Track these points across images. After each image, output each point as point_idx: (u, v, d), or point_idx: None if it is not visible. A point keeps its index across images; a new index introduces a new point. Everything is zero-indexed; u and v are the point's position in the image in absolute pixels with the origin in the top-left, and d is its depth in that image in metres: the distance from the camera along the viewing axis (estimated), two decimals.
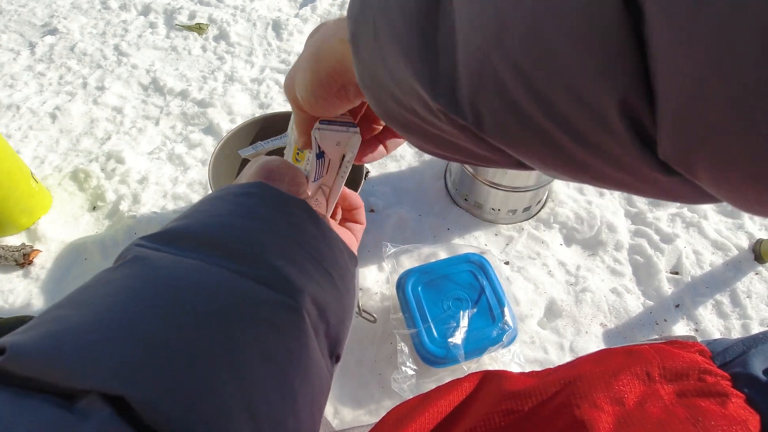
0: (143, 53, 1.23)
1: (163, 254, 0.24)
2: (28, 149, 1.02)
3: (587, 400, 0.38)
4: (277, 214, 0.28)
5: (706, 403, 0.37)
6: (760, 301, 0.80)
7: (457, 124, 0.19)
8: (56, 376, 0.19)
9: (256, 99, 1.11)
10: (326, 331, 0.28)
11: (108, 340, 0.20)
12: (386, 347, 0.75)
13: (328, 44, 0.28)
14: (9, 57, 1.22)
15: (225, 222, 0.27)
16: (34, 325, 0.21)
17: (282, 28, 1.28)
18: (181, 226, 0.26)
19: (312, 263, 0.27)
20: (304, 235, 0.28)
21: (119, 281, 0.23)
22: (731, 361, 0.41)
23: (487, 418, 0.41)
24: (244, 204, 0.28)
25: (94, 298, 0.22)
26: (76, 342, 0.20)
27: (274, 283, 0.25)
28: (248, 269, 0.25)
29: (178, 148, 1.01)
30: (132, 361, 0.20)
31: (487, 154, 0.20)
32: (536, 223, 0.91)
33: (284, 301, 0.25)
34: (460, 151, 0.22)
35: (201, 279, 0.23)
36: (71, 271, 0.84)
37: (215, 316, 0.22)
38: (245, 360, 0.22)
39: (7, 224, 0.86)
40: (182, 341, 0.21)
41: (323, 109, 0.31)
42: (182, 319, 0.22)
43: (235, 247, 0.25)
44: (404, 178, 0.97)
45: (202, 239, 0.25)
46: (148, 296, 0.22)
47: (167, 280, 0.23)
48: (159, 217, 0.90)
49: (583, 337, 0.77)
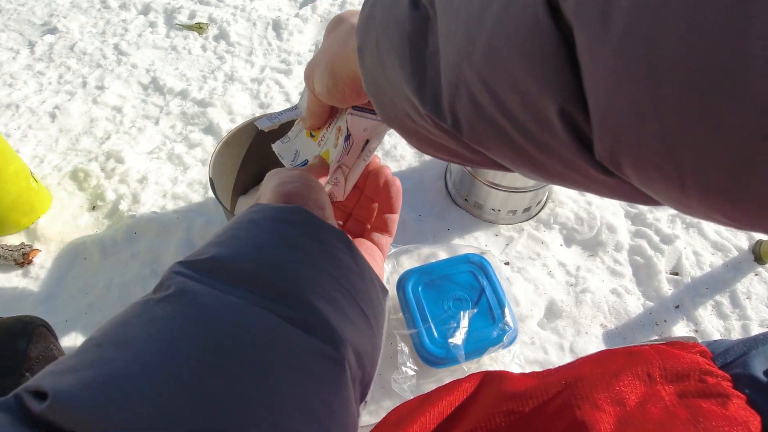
0: (143, 53, 1.23)
1: (206, 288, 0.23)
2: (28, 148, 1.02)
3: (588, 401, 0.38)
4: (316, 245, 0.27)
5: (707, 404, 0.37)
6: (760, 302, 0.80)
7: (442, 128, 0.21)
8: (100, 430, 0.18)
9: (256, 99, 1.11)
10: (362, 378, 0.27)
11: (153, 393, 0.19)
12: (386, 348, 0.75)
13: (344, 53, 0.30)
14: (8, 56, 1.22)
15: (265, 255, 0.25)
16: (75, 367, 0.20)
17: (282, 28, 1.27)
18: (222, 255, 0.25)
19: (350, 302, 0.26)
20: (342, 269, 0.27)
21: (161, 321, 0.22)
22: (732, 362, 0.41)
23: (487, 419, 0.41)
24: (282, 233, 0.27)
25: (135, 339, 0.21)
26: (121, 395, 0.19)
27: (316, 327, 0.24)
28: (290, 311, 0.24)
29: (178, 147, 1.01)
30: (178, 416, 0.19)
31: (471, 155, 0.23)
32: (536, 223, 0.91)
33: (326, 351, 0.24)
34: (450, 152, 0.24)
35: (244, 322, 0.23)
36: (71, 270, 0.84)
37: (256, 365, 0.22)
38: (285, 414, 0.21)
39: (7, 224, 0.86)
40: (226, 393, 0.20)
41: (338, 103, 0.34)
42: (227, 368, 0.21)
43: (275, 285, 0.24)
44: (404, 178, 0.97)
45: (242, 272, 0.24)
46: (191, 341, 0.21)
47: (210, 321, 0.22)
48: (158, 217, 0.90)
49: (583, 338, 0.77)
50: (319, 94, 0.33)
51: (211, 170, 0.74)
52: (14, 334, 0.52)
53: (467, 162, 0.24)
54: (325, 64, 0.31)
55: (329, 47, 0.31)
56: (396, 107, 0.24)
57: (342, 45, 0.30)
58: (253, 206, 0.30)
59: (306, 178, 0.32)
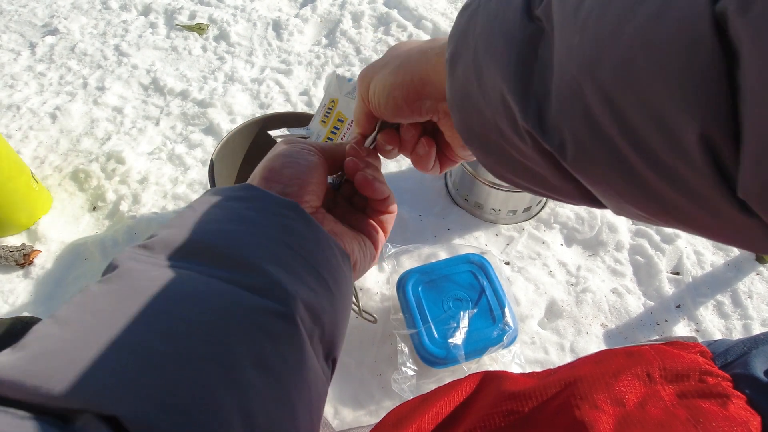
0: (143, 53, 1.23)
1: (149, 266, 0.24)
2: (29, 149, 1.02)
3: (588, 401, 0.38)
4: (265, 217, 0.28)
5: (707, 404, 0.37)
6: (762, 302, 0.80)
7: (540, 147, 0.20)
8: (47, 398, 0.18)
9: (257, 99, 1.11)
10: (321, 335, 0.27)
11: (96, 358, 0.19)
12: (386, 348, 0.75)
13: (424, 54, 0.29)
14: (9, 57, 1.22)
15: (213, 228, 0.26)
16: (22, 345, 0.20)
17: (282, 28, 1.28)
18: (169, 235, 0.26)
19: (303, 266, 0.27)
20: (294, 236, 0.28)
21: (105, 295, 0.22)
22: (732, 362, 0.41)
23: (487, 419, 0.41)
24: (232, 208, 0.28)
25: (80, 314, 0.22)
26: (64, 362, 0.19)
27: (266, 290, 0.24)
28: (238, 276, 0.24)
29: (178, 148, 1.01)
30: (121, 379, 0.19)
31: (562, 184, 0.21)
32: (537, 223, 0.91)
33: (276, 309, 0.24)
34: (535, 177, 0.23)
35: (190, 289, 0.23)
36: (71, 271, 0.84)
37: (206, 326, 0.22)
38: (240, 370, 0.21)
39: (8, 224, 0.86)
40: (173, 353, 0.20)
41: (391, 112, 0.33)
42: (172, 330, 0.21)
43: (224, 254, 0.25)
44: (404, 178, 0.97)
45: (191, 248, 0.25)
46: (135, 309, 0.21)
47: (155, 291, 0.22)
48: (159, 217, 0.90)
49: (584, 338, 0.77)
50: (376, 97, 0.32)
51: (212, 171, 0.74)
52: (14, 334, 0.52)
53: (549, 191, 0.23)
54: (394, 68, 0.31)
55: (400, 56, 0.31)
56: (485, 120, 0.23)
57: (418, 50, 0.30)
58: (208, 190, 0.31)
59: (300, 153, 0.33)
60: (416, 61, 0.30)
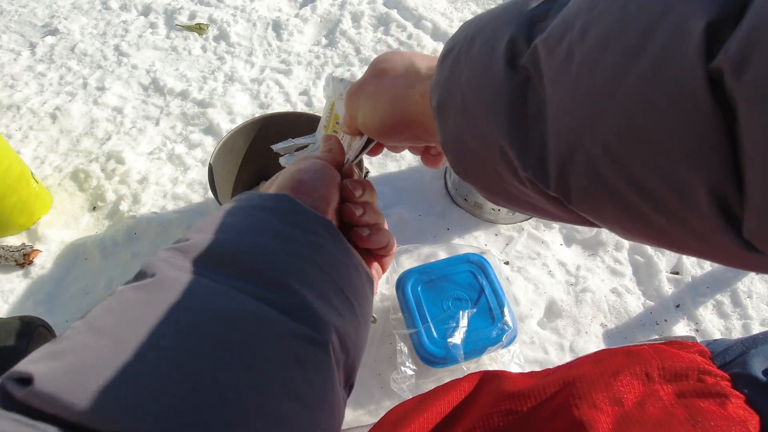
0: (143, 53, 1.23)
1: (186, 274, 0.23)
2: (29, 149, 1.02)
3: (586, 401, 0.38)
4: (300, 233, 0.27)
5: (705, 403, 0.37)
6: (761, 301, 0.80)
7: (543, 192, 0.20)
8: (81, 417, 0.18)
9: (256, 99, 1.11)
10: (345, 362, 0.27)
11: (132, 379, 0.19)
12: (386, 347, 0.75)
13: (408, 95, 0.29)
14: (9, 57, 1.22)
15: (247, 240, 0.26)
16: (57, 353, 0.20)
17: (282, 28, 1.28)
18: (203, 241, 0.25)
19: (334, 290, 0.27)
20: (325, 256, 0.27)
21: (141, 306, 0.22)
22: (731, 361, 0.41)
23: (486, 419, 0.41)
24: (266, 219, 0.27)
25: (116, 324, 0.21)
26: (101, 381, 0.19)
27: (300, 313, 0.24)
28: (271, 295, 0.24)
29: (178, 148, 1.01)
30: (158, 402, 0.19)
31: (566, 216, 0.22)
32: (536, 223, 0.91)
33: (310, 335, 0.24)
34: (537, 210, 0.23)
35: (225, 307, 0.23)
36: (71, 271, 0.85)
37: (241, 350, 0.22)
38: (272, 398, 0.21)
39: (7, 224, 0.86)
40: (208, 377, 0.20)
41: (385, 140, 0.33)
42: (208, 353, 0.21)
43: (257, 269, 0.24)
44: (404, 178, 0.97)
45: (226, 258, 0.25)
46: (171, 326, 0.21)
47: (192, 308, 0.22)
48: (159, 217, 0.90)
49: (583, 338, 0.77)
50: (366, 129, 0.33)
51: (211, 171, 0.74)
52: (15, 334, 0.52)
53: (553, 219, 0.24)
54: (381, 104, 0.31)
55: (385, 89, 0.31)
56: (484, 166, 0.23)
57: (402, 89, 0.30)
58: (242, 194, 0.30)
59: (324, 170, 0.32)
60: (402, 102, 0.30)
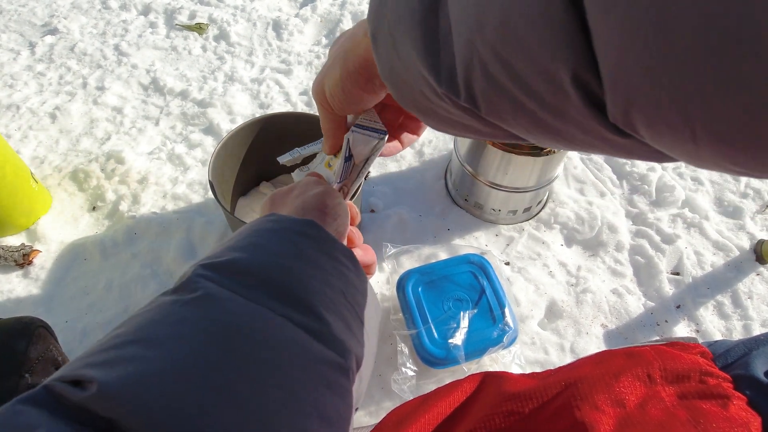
0: (143, 53, 1.23)
1: (230, 293, 0.25)
2: (28, 149, 1.02)
3: (588, 402, 0.38)
4: (329, 262, 0.29)
5: (707, 405, 0.37)
6: (762, 302, 0.80)
7: (459, 105, 0.22)
8: (140, 424, 0.19)
9: (256, 99, 1.11)
10: (358, 386, 0.28)
11: (189, 393, 0.21)
12: (386, 348, 0.74)
13: (356, 39, 0.31)
14: (9, 57, 1.22)
15: (283, 264, 0.27)
16: (113, 361, 0.21)
17: (282, 28, 1.27)
18: (240, 260, 0.27)
19: (354, 318, 0.28)
20: (349, 286, 0.29)
21: (191, 324, 0.23)
22: (733, 362, 0.41)
23: (487, 420, 0.41)
24: (301, 245, 0.29)
25: (169, 338, 0.23)
26: (161, 392, 0.20)
27: (329, 340, 0.26)
28: (306, 321, 0.25)
29: (178, 148, 1.01)
30: (210, 413, 0.20)
31: (489, 130, 0.24)
32: (537, 223, 0.91)
33: (337, 361, 0.25)
34: (468, 128, 0.25)
35: (267, 330, 0.24)
36: (71, 271, 0.84)
37: (281, 371, 0.23)
38: (304, 418, 0.23)
39: (7, 224, 0.86)
40: (254, 398, 0.22)
41: (352, 103, 0.34)
42: (253, 374, 0.22)
43: (293, 294, 0.26)
44: (404, 178, 0.97)
45: (263, 279, 0.26)
46: (220, 345, 0.23)
47: (237, 326, 0.24)
48: (159, 217, 0.90)
49: (584, 338, 0.77)
50: (333, 95, 0.33)
51: (211, 171, 0.74)
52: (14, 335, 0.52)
53: (485, 136, 0.25)
54: (336, 63, 0.32)
55: (340, 47, 0.32)
56: (412, 89, 0.24)
57: (351, 38, 0.31)
58: (271, 216, 0.31)
59: (325, 190, 0.35)
60: (351, 48, 0.31)
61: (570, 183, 0.96)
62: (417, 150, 1.01)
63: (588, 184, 0.96)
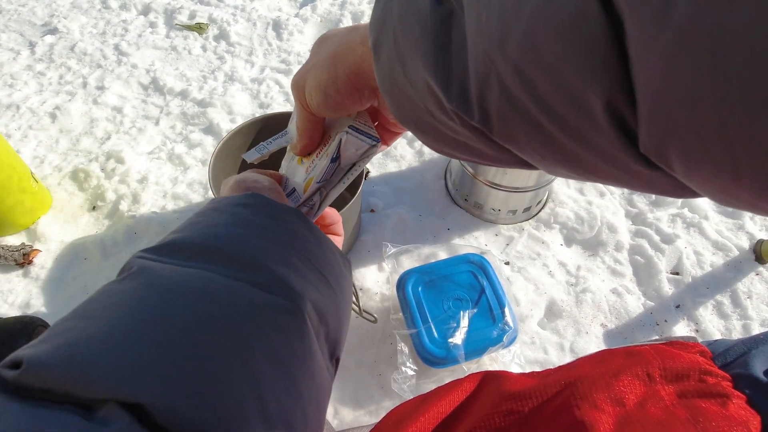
0: (143, 53, 1.23)
1: (166, 265, 0.25)
2: (28, 149, 1.02)
3: (588, 401, 0.38)
4: (271, 222, 0.29)
5: (706, 404, 0.37)
6: (761, 302, 0.80)
7: (468, 125, 0.21)
8: (73, 386, 0.19)
9: (256, 99, 1.11)
10: (326, 334, 0.28)
11: (120, 348, 0.20)
12: (386, 348, 0.75)
13: (350, 46, 0.29)
14: (9, 56, 1.22)
15: (222, 232, 0.27)
16: (46, 338, 0.21)
17: (282, 28, 1.27)
18: (180, 238, 0.27)
19: (309, 267, 0.28)
20: (299, 240, 0.29)
21: (125, 292, 0.23)
22: (732, 362, 0.41)
23: (487, 419, 0.41)
24: (239, 214, 0.29)
25: (102, 309, 0.23)
26: (90, 352, 0.20)
27: (275, 287, 0.25)
28: (248, 275, 0.25)
29: (178, 148, 1.01)
30: (145, 368, 0.20)
31: (496, 154, 0.22)
32: (536, 223, 0.91)
33: (286, 305, 0.25)
34: (471, 151, 0.23)
35: (204, 286, 0.24)
36: (71, 270, 0.84)
37: (221, 320, 0.23)
38: (253, 361, 0.23)
39: (7, 224, 0.86)
40: (191, 344, 0.21)
41: (332, 109, 0.32)
42: (189, 323, 0.22)
43: (233, 254, 0.26)
44: (404, 178, 0.97)
45: (201, 249, 0.26)
46: (154, 303, 0.23)
47: (171, 286, 0.23)
48: (158, 217, 0.90)
49: (584, 338, 0.77)
50: (314, 98, 0.32)
51: (211, 171, 0.74)
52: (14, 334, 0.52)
53: (489, 161, 0.24)
54: (323, 64, 0.31)
55: (329, 49, 0.31)
56: (415, 105, 0.23)
57: (345, 43, 0.30)
58: (213, 198, 0.32)
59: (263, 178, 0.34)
60: (344, 54, 0.30)
61: (570, 183, 0.96)
62: (417, 150, 1.01)
63: (587, 184, 0.96)
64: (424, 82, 0.21)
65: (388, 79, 0.25)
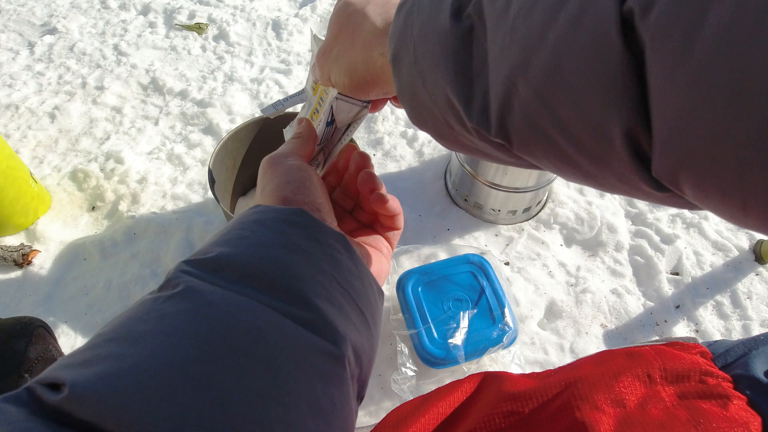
0: (143, 53, 1.23)
1: (213, 287, 0.24)
2: (27, 149, 1.02)
3: (588, 402, 0.38)
4: (318, 247, 0.28)
5: (707, 404, 0.37)
6: (761, 302, 0.80)
7: (488, 139, 0.21)
8: (117, 423, 0.18)
9: (256, 99, 1.11)
10: (359, 375, 0.27)
11: (167, 387, 0.20)
12: (386, 348, 0.74)
13: (369, 58, 0.30)
14: (8, 56, 1.22)
15: (270, 255, 0.26)
16: (89, 360, 0.20)
17: (282, 28, 1.27)
18: (226, 254, 0.26)
19: (351, 305, 0.27)
20: (342, 271, 0.28)
21: (172, 316, 0.23)
22: (732, 362, 0.41)
23: (487, 420, 0.41)
24: (286, 233, 0.28)
25: (148, 334, 0.22)
26: (137, 388, 0.19)
27: (320, 328, 0.25)
28: (296, 310, 0.24)
29: (177, 148, 1.01)
30: (192, 409, 0.19)
31: (512, 161, 0.23)
32: (536, 223, 0.91)
33: (330, 350, 0.24)
34: (488, 156, 0.24)
35: (251, 320, 0.23)
36: (70, 271, 0.84)
37: (267, 362, 0.22)
38: (295, 411, 0.22)
39: (6, 224, 0.86)
40: (238, 389, 0.21)
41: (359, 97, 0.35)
42: (238, 365, 0.21)
43: (280, 284, 0.25)
44: (404, 178, 0.97)
45: (248, 271, 0.25)
46: (203, 336, 0.22)
47: (220, 318, 0.23)
48: (158, 217, 0.90)
49: (584, 338, 0.77)
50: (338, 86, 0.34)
51: (211, 171, 0.74)
52: (13, 335, 0.52)
53: (505, 164, 0.25)
54: (345, 66, 0.32)
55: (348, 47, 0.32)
56: (434, 116, 0.24)
57: (364, 49, 0.30)
58: (256, 207, 0.30)
59: (303, 178, 0.33)
60: (363, 65, 0.30)
61: (570, 183, 0.96)
62: (417, 150, 1.01)
63: None
64: (445, 98, 0.22)
65: (408, 91, 0.25)
